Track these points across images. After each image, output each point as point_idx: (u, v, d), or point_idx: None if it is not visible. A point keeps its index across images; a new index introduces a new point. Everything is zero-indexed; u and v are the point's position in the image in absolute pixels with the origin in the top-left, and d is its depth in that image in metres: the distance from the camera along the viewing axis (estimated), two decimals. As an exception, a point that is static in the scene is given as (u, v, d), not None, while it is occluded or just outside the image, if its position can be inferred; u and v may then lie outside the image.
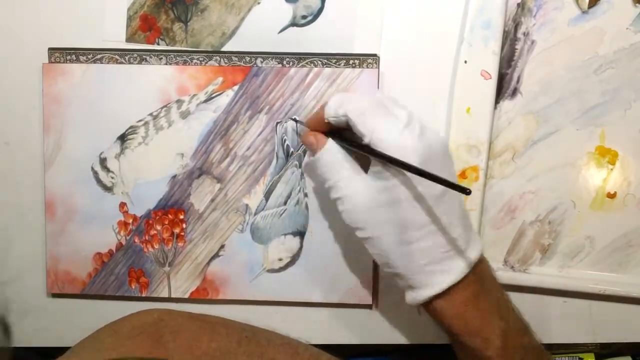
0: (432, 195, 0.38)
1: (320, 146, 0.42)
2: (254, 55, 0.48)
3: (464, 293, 0.39)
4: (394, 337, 0.51)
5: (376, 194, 0.39)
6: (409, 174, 0.37)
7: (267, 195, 0.49)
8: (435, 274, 0.39)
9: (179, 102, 0.49)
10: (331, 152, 0.41)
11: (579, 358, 0.52)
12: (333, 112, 0.40)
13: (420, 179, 0.37)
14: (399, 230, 0.38)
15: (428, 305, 0.40)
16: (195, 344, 0.44)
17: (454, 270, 0.38)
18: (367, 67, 0.47)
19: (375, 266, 0.49)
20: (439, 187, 0.37)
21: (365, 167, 0.41)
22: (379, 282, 0.50)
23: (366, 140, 0.38)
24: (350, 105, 0.40)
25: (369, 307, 0.50)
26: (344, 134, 0.41)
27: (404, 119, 0.38)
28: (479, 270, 0.40)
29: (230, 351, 0.43)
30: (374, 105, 0.40)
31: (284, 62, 0.48)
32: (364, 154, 0.40)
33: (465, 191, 0.35)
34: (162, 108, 0.49)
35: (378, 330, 0.50)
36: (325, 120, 0.41)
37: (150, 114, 0.49)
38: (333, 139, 0.42)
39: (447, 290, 0.38)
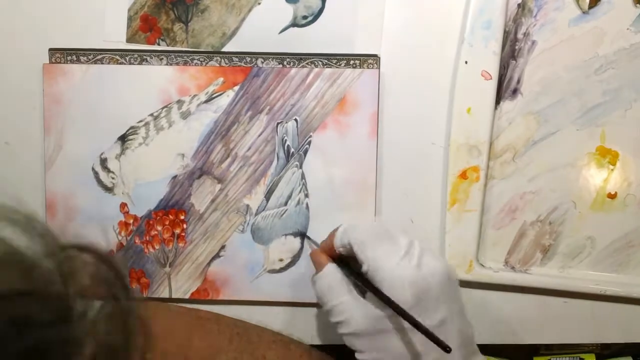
0: (431, 325, 0.38)
1: (320, 268, 0.43)
2: (255, 56, 0.48)
3: None
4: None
5: (373, 322, 0.39)
6: None
7: (268, 195, 0.49)
8: None
9: (180, 102, 0.49)
10: (331, 276, 0.42)
11: (580, 358, 0.52)
12: (339, 241, 0.42)
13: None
14: (397, 357, 0.39)
15: None
16: (185, 341, 0.44)
17: None
18: (368, 68, 0.47)
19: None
20: (438, 317, 0.38)
21: (364, 292, 0.41)
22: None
23: (364, 268, 0.39)
24: (353, 234, 0.41)
25: (369, 307, 0.50)
26: (351, 263, 0.42)
27: (403, 247, 0.39)
28: None
29: (222, 348, 0.44)
30: (375, 235, 0.40)
31: (285, 63, 0.48)
32: (360, 284, 0.40)
33: (446, 349, 0.35)
34: (162, 108, 0.49)
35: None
36: (336, 250, 0.42)
37: (151, 115, 0.49)
38: (338, 264, 0.42)
39: None
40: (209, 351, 0.44)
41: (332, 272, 0.42)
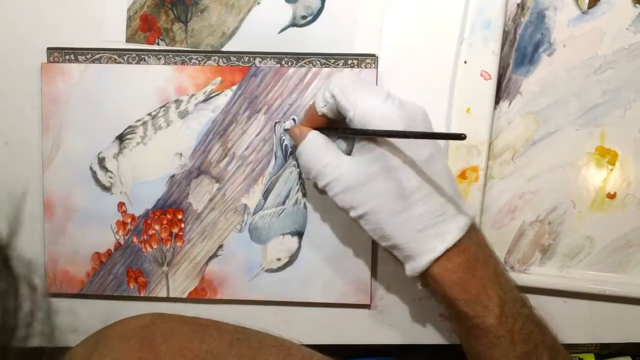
0: (420, 160, 0.39)
1: (302, 137, 0.43)
2: (253, 55, 0.48)
3: (460, 258, 0.39)
4: (392, 337, 0.50)
5: (366, 168, 0.40)
6: (394, 140, 0.38)
7: (266, 195, 0.49)
8: (431, 240, 0.39)
9: (178, 102, 0.49)
10: (314, 142, 0.42)
11: (579, 358, 0.52)
12: (321, 97, 0.42)
13: (406, 144, 0.38)
14: (392, 200, 0.39)
15: (427, 275, 0.40)
16: (187, 346, 0.44)
17: (449, 234, 0.39)
18: (366, 67, 0.47)
19: (374, 266, 0.49)
20: (425, 152, 0.39)
21: (349, 152, 0.42)
22: (377, 282, 0.50)
23: (350, 114, 0.39)
24: (334, 84, 0.41)
25: (367, 307, 0.50)
26: (332, 124, 0.43)
27: (383, 92, 0.40)
28: (474, 236, 0.41)
29: (222, 353, 0.43)
30: (356, 81, 0.41)
31: (283, 62, 0.48)
32: (353, 135, 0.41)
33: (460, 137, 0.35)
34: (160, 108, 0.49)
35: (376, 330, 0.50)
36: (319, 113, 0.42)
37: (149, 114, 0.49)
38: (320, 131, 0.43)
39: (444, 255, 0.39)
40: (209, 356, 0.44)
41: (315, 138, 0.43)
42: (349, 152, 0.42)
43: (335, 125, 0.43)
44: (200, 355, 0.43)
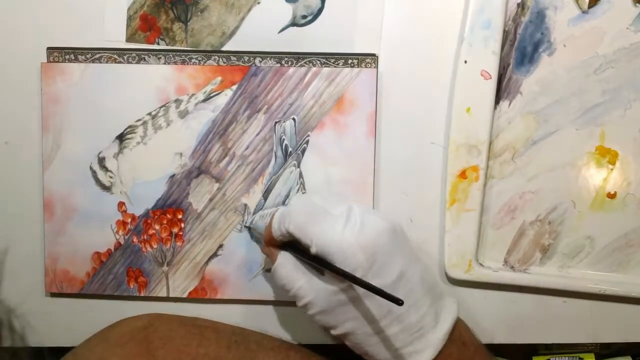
0: (388, 285, 0.38)
1: (274, 260, 0.43)
2: (253, 55, 0.48)
3: None
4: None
5: (336, 295, 0.40)
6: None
7: (266, 194, 0.49)
8: (411, 356, 0.39)
9: (178, 101, 0.49)
10: (284, 264, 0.42)
11: (579, 358, 0.52)
12: (278, 231, 0.42)
13: (374, 268, 0.38)
14: (365, 324, 0.39)
15: None
16: (185, 349, 0.44)
17: (428, 349, 0.39)
18: (366, 67, 0.47)
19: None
20: (395, 272, 0.39)
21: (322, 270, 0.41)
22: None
23: (313, 250, 0.39)
24: (289, 221, 0.41)
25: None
26: (297, 244, 0.42)
27: (343, 215, 0.40)
28: (457, 336, 0.41)
29: (220, 356, 0.44)
30: (311, 214, 0.41)
31: (283, 62, 0.48)
32: (313, 264, 0.41)
33: (398, 302, 0.35)
34: (160, 107, 0.49)
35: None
36: (277, 240, 0.42)
37: (149, 114, 0.49)
38: (287, 249, 0.43)
39: None
40: (208, 359, 0.44)
41: (284, 260, 0.42)
42: (320, 271, 0.42)
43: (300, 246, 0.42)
44: (198, 359, 0.43)
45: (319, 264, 0.40)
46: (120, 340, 0.44)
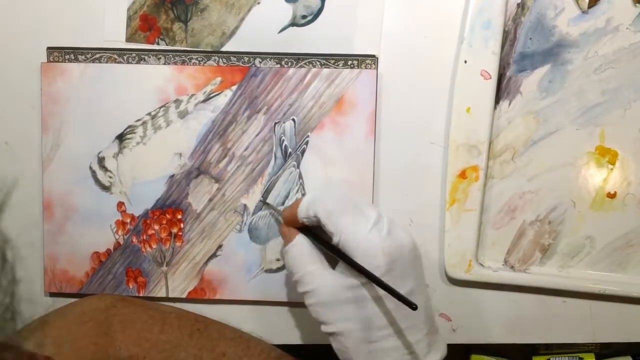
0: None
1: (289, 240, 0.42)
2: (253, 56, 0.48)
3: None
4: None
5: (342, 291, 0.39)
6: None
7: (265, 195, 0.49)
8: None
9: (177, 101, 0.49)
10: (299, 246, 0.42)
11: (579, 358, 0.52)
12: (304, 213, 0.41)
13: (387, 276, 0.38)
14: (363, 328, 0.39)
15: None
16: (145, 335, 0.43)
17: None
18: (366, 68, 0.47)
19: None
20: (407, 287, 0.39)
21: (335, 262, 0.41)
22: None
23: (335, 240, 0.39)
24: (320, 205, 0.40)
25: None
26: (317, 231, 0.42)
27: (372, 218, 0.39)
28: None
29: (181, 344, 0.44)
30: (344, 205, 0.40)
31: (283, 63, 0.48)
32: (331, 254, 0.40)
33: (412, 306, 0.36)
34: (160, 108, 0.49)
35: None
36: (299, 221, 0.42)
37: (149, 114, 0.49)
38: (306, 234, 0.42)
39: None
40: (168, 346, 0.44)
41: (301, 243, 0.42)
42: (334, 265, 0.41)
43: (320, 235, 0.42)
44: (159, 345, 0.43)
45: (337, 255, 0.39)
46: (79, 319, 0.44)
